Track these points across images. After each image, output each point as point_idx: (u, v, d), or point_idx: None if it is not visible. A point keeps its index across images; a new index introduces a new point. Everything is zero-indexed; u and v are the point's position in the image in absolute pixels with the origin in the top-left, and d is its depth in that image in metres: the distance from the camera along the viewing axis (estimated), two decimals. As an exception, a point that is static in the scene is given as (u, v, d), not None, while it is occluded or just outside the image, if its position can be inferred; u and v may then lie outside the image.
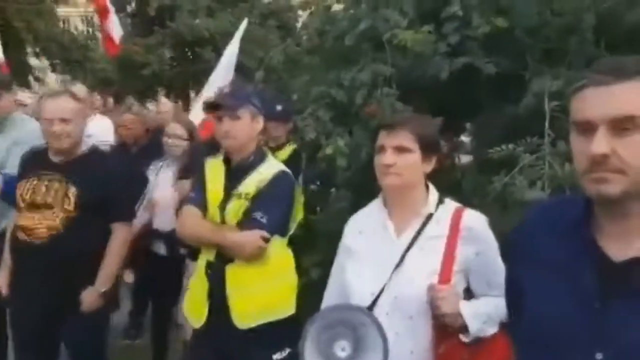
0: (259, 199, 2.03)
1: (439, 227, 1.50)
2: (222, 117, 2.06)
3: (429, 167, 1.54)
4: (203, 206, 2.10)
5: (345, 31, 2.88)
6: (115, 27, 7.44)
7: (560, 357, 0.90)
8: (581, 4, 2.42)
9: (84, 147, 2.47)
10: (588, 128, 0.86)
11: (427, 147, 1.51)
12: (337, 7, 3.49)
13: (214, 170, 2.16)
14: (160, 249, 3.03)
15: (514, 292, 1.05)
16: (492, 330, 1.42)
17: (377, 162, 1.51)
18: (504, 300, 1.13)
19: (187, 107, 12.50)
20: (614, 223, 0.90)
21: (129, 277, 3.47)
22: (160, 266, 2.92)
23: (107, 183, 2.35)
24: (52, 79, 22.56)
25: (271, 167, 2.13)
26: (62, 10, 21.45)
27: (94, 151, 2.52)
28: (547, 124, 2.09)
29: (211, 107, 2.12)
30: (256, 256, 2.00)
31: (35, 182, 2.34)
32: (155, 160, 3.30)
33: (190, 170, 3.08)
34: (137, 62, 15.65)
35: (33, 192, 2.31)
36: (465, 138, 3.69)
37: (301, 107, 2.96)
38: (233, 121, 2.05)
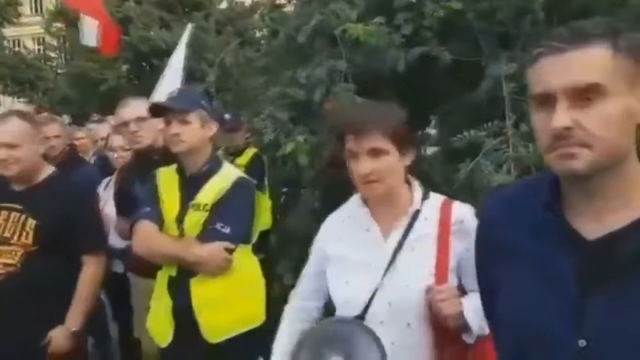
0: (219, 208, 1.93)
1: (428, 224, 1.36)
2: (171, 121, 1.95)
3: (408, 160, 1.37)
4: (158, 220, 1.98)
5: (296, 29, 2.82)
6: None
7: (541, 349, 0.82)
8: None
9: (48, 172, 2.26)
10: (547, 101, 0.78)
11: (403, 142, 1.34)
12: (288, 9, 3.44)
13: (167, 181, 2.04)
14: (118, 266, 2.85)
15: (488, 289, 0.95)
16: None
17: (351, 169, 1.34)
18: None
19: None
20: (585, 200, 0.82)
21: None
22: (120, 284, 2.74)
23: (71, 211, 2.15)
24: (8, 102, 21.92)
25: (229, 174, 2.02)
26: (11, 31, 20.90)
27: (56, 176, 2.29)
28: (507, 107, 2.07)
29: (159, 110, 2.02)
30: (222, 269, 1.91)
31: None
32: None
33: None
34: (93, 78, 15.30)
35: None
36: (430, 130, 3.67)
37: (258, 109, 2.89)
38: (182, 125, 1.94)
